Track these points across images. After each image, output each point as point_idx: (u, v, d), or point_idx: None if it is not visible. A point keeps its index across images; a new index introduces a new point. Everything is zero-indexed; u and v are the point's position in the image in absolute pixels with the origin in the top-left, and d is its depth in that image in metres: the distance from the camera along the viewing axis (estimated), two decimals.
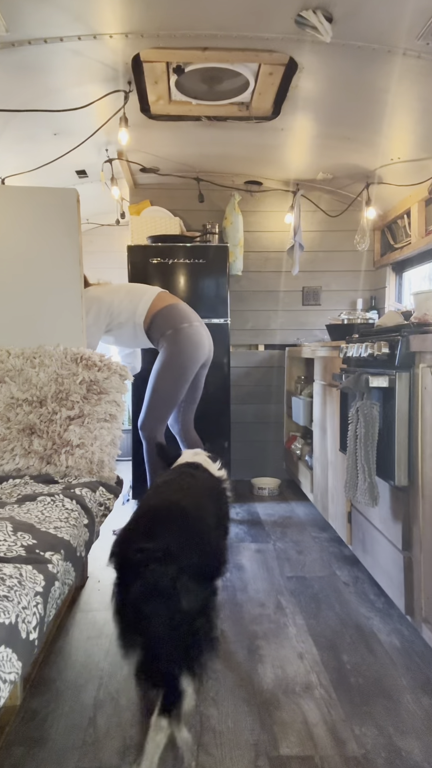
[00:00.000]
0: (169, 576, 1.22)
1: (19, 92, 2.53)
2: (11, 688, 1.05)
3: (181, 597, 1.22)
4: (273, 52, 2.27)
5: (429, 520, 1.71)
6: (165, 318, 2.74)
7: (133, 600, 1.23)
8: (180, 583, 1.22)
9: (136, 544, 1.27)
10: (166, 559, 1.23)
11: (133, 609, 1.24)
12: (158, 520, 1.38)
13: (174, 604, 1.22)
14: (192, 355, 2.74)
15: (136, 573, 1.23)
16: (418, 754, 1.38)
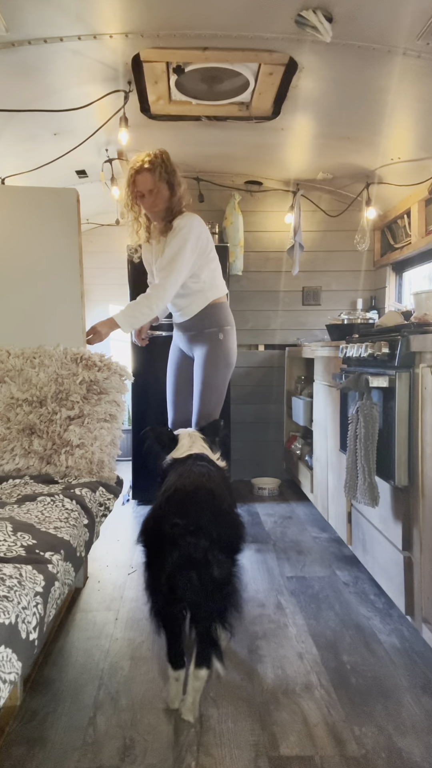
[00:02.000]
0: (202, 548, 1.39)
1: (19, 92, 2.52)
2: (11, 688, 1.05)
3: (212, 566, 1.40)
4: (273, 52, 2.27)
5: (429, 520, 1.71)
6: (227, 311, 2.55)
7: (170, 569, 1.40)
8: (211, 554, 1.40)
9: (170, 520, 1.42)
10: (199, 533, 1.39)
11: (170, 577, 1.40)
12: (189, 500, 1.50)
13: (207, 573, 1.40)
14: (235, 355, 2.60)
15: (173, 545, 1.40)
16: (418, 754, 1.37)
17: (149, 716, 1.52)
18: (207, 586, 1.41)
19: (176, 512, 1.45)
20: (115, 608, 2.15)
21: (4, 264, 2.37)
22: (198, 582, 1.40)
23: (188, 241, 2.31)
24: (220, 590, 1.45)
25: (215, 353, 2.47)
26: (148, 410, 3.56)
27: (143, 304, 2.28)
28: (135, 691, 1.63)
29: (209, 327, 2.48)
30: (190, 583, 1.40)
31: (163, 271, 2.32)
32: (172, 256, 2.30)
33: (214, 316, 2.48)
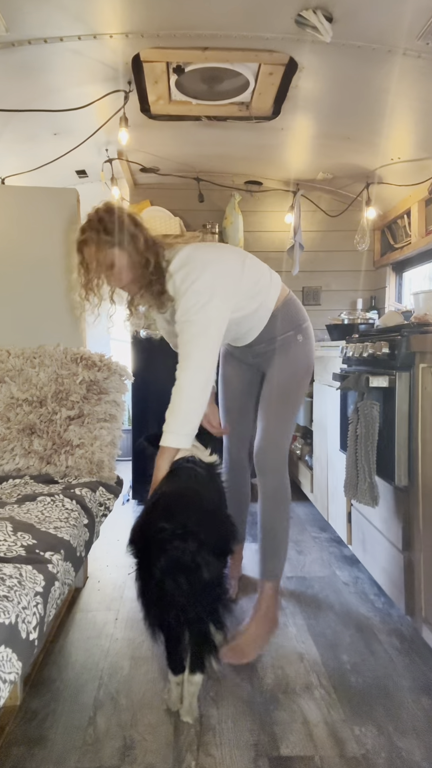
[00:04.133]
0: (190, 551, 1.36)
1: (19, 92, 2.52)
2: (11, 688, 1.05)
3: (202, 569, 1.37)
4: (273, 52, 2.27)
5: (429, 520, 1.71)
6: (297, 305, 2.01)
7: (160, 575, 1.37)
8: (200, 556, 1.37)
9: (156, 525, 1.40)
10: (186, 536, 1.37)
11: (160, 583, 1.38)
12: (175, 503, 1.49)
13: (196, 576, 1.37)
14: (313, 356, 2.07)
15: (160, 551, 1.37)
16: (418, 754, 1.37)
17: (149, 716, 1.52)
18: (197, 589, 1.38)
19: (162, 517, 1.42)
20: (115, 608, 2.15)
21: (4, 264, 2.37)
22: (188, 585, 1.37)
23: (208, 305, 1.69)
24: (211, 592, 1.42)
25: (295, 360, 1.94)
26: (148, 410, 3.56)
27: (184, 400, 1.68)
28: (135, 691, 1.63)
29: (283, 332, 1.94)
30: (180, 587, 1.37)
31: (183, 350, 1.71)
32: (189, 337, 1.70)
33: (284, 317, 1.94)
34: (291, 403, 1.96)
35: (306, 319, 2.02)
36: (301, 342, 1.97)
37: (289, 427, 1.96)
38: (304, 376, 2.00)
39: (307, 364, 2.01)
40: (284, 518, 1.93)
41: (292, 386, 1.96)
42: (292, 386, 1.96)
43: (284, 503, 1.94)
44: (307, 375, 2.01)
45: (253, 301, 1.87)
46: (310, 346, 2.01)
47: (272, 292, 1.93)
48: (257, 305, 1.88)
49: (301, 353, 1.97)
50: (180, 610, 1.40)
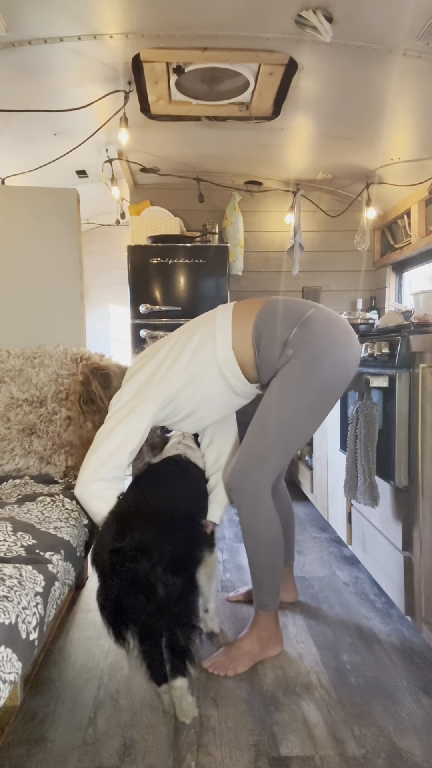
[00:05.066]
0: (143, 571, 1.34)
1: (19, 92, 2.53)
2: (11, 688, 1.05)
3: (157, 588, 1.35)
4: (273, 52, 2.27)
5: (429, 520, 1.71)
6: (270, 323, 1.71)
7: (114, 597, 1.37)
8: (153, 575, 1.34)
9: (108, 546, 1.38)
10: (138, 557, 1.34)
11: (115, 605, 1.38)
12: (127, 520, 1.45)
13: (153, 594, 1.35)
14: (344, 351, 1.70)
15: (113, 572, 1.36)
16: (418, 754, 1.37)
17: (149, 716, 1.52)
18: (157, 606, 1.37)
19: (114, 536, 1.39)
20: None
21: (4, 264, 2.37)
22: (146, 604, 1.36)
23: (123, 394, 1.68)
24: (174, 606, 1.39)
25: (285, 371, 1.69)
26: None
27: None
28: (135, 691, 1.63)
29: (275, 359, 1.71)
30: (137, 606, 1.36)
31: None
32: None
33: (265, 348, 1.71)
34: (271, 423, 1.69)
35: (292, 325, 1.69)
36: (294, 354, 1.67)
37: (261, 454, 1.70)
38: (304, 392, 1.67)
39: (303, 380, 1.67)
40: (258, 550, 1.75)
41: (275, 404, 1.69)
42: (274, 403, 1.69)
43: (254, 540, 1.74)
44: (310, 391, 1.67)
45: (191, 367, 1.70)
46: (313, 351, 1.67)
47: (219, 343, 1.71)
48: (203, 367, 1.70)
49: (293, 366, 1.67)
50: (143, 626, 1.40)
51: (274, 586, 1.79)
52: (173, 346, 1.73)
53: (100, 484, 1.60)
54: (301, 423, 1.73)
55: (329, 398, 1.72)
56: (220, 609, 2.13)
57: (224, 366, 1.71)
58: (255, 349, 1.71)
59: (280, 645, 1.83)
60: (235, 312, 1.76)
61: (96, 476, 1.60)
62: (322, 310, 1.74)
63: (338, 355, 1.69)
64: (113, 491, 1.61)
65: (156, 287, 3.59)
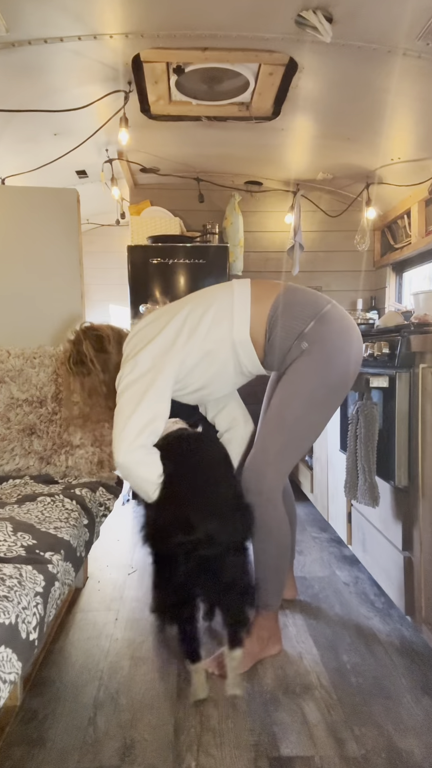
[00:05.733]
0: (213, 556, 1.44)
1: (19, 92, 2.53)
2: (11, 688, 1.05)
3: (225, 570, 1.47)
4: (273, 52, 2.27)
5: (429, 521, 1.71)
6: (287, 316, 1.69)
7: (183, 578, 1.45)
8: (222, 560, 1.46)
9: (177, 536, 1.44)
10: (209, 544, 1.43)
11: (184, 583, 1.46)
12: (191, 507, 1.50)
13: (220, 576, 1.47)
14: (357, 349, 1.75)
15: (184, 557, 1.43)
16: (418, 754, 1.37)
17: (149, 716, 1.52)
18: (221, 587, 1.49)
19: (181, 524, 1.44)
20: (115, 608, 2.15)
21: (4, 264, 2.37)
22: (213, 584, 1.47)
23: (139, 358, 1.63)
24: (235, 586, 1.52)
25: (298, 367, 1.69)
26: None
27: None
28: (135, 691, 1.63)
29: (286, 349, 1.71)
30: (206, 586, 1.47)
31: None
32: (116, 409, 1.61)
33: (278, 335, 1.69)
34: (285, 421, 1.69)
35: (308, 320, 1.68)
36: (308, 348, 1.67)
37: (276, 453, 1.69)
38: (317, 389, 1.68)
39: (317, 376, 1.67)
40: (267, 551, 1.74)
41: (289, 401, 1.69)
42: (288, 401, 1.69)
43: (265, 539, 1.73)
44: (323, 388, 1.69)
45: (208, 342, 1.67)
46: (328, 349, 1.67)
47: (237, 321, 1.68)
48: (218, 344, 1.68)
49: (308, 362, 1.67)
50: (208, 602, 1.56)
51: (279, 587, 1.79)
52: (187, 318, 1.68)
53: (141, 451, 1.56)
54: (314, 421, 1.74)
55: (339, 396, 1.75)
56: None
57: (239, 345, 1.70)
58: (267, 333, 1.70)
59: (279, 644, 1.84)
60: (253, 292, 1.73)
61: (137, 443, 1.55)
62: (337, 307, 1.75)
63: (351, 354, 1.72)
64: (155, 457, 1.59)
65: (156, 287, 3.59)
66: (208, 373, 1.72)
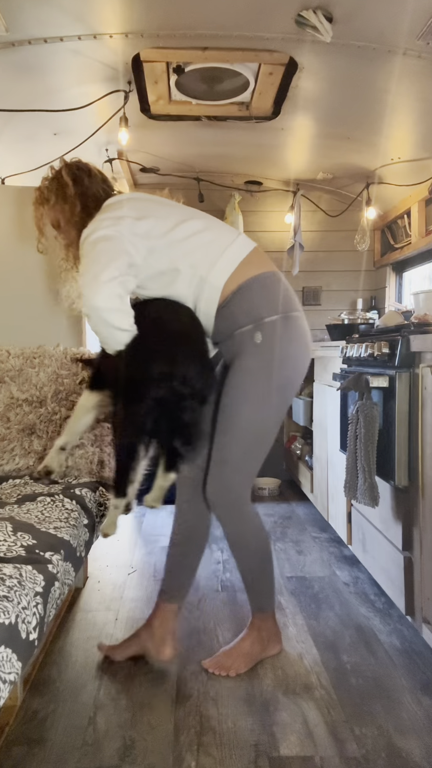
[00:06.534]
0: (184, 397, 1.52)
1: (19, 92, 2.52)
2: (11, 688, 1.05)
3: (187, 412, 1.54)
4: (273, 52, 2.27)
5: (429, 520, 1.71)
6: (261, 292, 1.59)
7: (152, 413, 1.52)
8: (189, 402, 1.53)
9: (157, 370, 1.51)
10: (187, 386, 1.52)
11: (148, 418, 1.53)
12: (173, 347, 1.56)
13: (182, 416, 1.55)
14: (304, 364, 1.68)
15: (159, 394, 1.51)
16: (418, 754, 1.37)
17: (149, 716, 1.52)
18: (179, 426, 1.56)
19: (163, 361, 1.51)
20: (115, 608, 2.15)
21: (4, 264, 2.37)
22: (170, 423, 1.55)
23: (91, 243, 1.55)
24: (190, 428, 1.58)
25: (252, 364, 1.58)
26: None
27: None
28: (135, 691, 1.63)
29: (238, 325, 1.59)
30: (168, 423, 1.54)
31: None
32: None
33: (240, 303, 1.57)
34: (240, 427, 1.59)
35: (274, 312, 1.57)
36: (261, 345, 1.56)
37: (237, 461, 1.61)
38: (262, 388, 1.57)
39: (271, 374, 1.57)
40: (248, 560, 1.73)
41: (242, 405, 1.58)
42: (241, 405, 1.58)
43: (244, 549, 1.70)
44: (269, 390, 1.58)
45: (184, 260, 1.56)
46: (300, 340, 1.61)
47: (222, 263, 1.56)
48: (190, 276, 1.57)
49: (258, 361, 1.57)
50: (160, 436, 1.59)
51: (269, 589, 1.78)
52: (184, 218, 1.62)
53: (117, 300, 1.49)
54: (267, 423, 1.65)
55: (288, 397, 1.68)
56: (219, 609, 2.13)
57: (208, 287, 1.58)
58: (231, 297, 1.58)
59: (279, 644, 1.83)
60: (252, 252, 1.64)
61: (114, 291, 1.47)
62: (305, 322, 1.70)
63: (298, 367, 1.67)
64: (128, 306, 1.53)
65: None
66: (163, 293, 1.65)
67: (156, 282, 1.61)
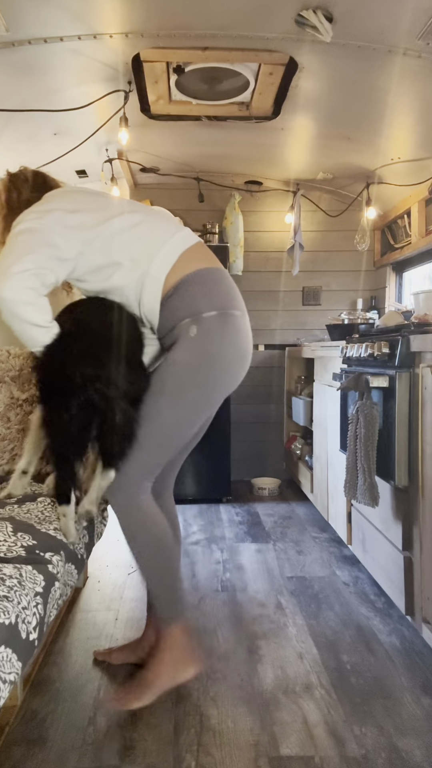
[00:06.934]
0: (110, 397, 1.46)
1: (19, 92, 2.52)
2: (11, 688, 1.05)
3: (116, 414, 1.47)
4: (273, 52, 2.27)
5: (429, 520, 1.71)
6: (203, 285, 1.54)
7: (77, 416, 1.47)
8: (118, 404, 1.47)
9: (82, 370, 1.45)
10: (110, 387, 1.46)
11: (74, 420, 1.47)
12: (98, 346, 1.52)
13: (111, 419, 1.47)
14: (236, 366, 1.57)
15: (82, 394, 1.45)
16: (418, 754, 1.37)
17: (149, 716, 1.52)
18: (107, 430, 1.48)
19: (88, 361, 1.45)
20: (115, 608, 2.15)
21: None
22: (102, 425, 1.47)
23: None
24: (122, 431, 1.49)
25: (180, 357, 1.51)
26: None
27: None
28: None
29: (178, 319, 1.53)
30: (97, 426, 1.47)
31: None
32: None
33: (181, 296, 1.52)
34: (149, 417, 1.52)
35: (212, 308, 1.51)
36: (194, 339, 1.49)
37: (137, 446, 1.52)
38: (189, 382, 1.51)
39: (198, 370, 1.50)
40: (142, 555, 1.57)
41: (158, 396, 1.52)
42: (158, 396, 1.52)
43: (132, 541, 1.56)
44: (196, 385, 1.51)
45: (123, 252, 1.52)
46: (211, 347, 1.50)
47: (163, 255, 1.52)
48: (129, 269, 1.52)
49: (186, 355, 1.50)
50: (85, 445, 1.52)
51: (172, 593, 1.58)
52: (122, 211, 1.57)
53: (30, 293, 1.42)
54: (181, 420, 1.56)
55: (210, 398, 1.56)
56: (219, 609, 2.13)
57: (150, 279, 1.53)
58: (172, 291, 1.52)
59: (196, 664, 1.59)
60: (194, 247, 1.59)
61: (26, 283, 1.41)
62: (247, 325, 1.60)
63: (231, 370, 1.56)
64: (45, 303, 1.47)
65: None
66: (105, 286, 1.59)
67: (96, 275, 1.56)
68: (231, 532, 3.04)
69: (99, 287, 1.58)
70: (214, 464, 3.59)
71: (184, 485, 3.57)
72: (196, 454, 3.56)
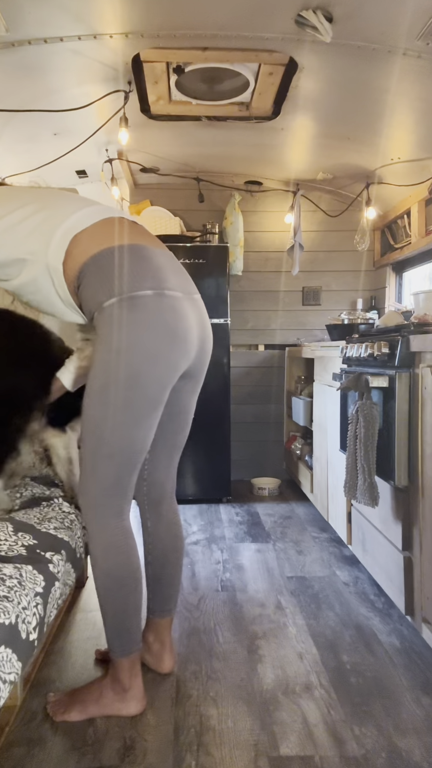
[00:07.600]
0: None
1: (19, 92, 2.52)
2: (11, 688, 1.05)
3: None
4: (273, 52, 2.27)
5: (429, 520, 1.71)
6: (102, 273, 1.35)
7: None
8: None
9: None
10: None
11: None
12: None
13: None
14: (164, 350, 1.35)
15: None
16: (418, 754, 1.38)
17: (149, 716, 1.52)
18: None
19: None
20: None
21: None
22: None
23: None
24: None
25: (95, 356, 1.36)
26: None
27: None
28: None
29: (91, 314, 1.40)
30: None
31: None
32: None
33: (86, 290, 1.37)
34: (84, 427, 1.38)
35: (111, 294, 1.32)
36: (101, 332, 1.34)
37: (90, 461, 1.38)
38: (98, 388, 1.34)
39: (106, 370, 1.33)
40: (97, 583, 1.43)
41: (85, 402, 1.37)
42: (85, 402, 1.37)
43: (94, 567, 1.43)
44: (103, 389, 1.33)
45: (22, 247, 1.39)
46: (118, 341, 1.31)
47: (55, 242, 1.37)
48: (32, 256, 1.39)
49: (98, 352, 1.35)
50: None
51: (119, 631, 1.44)
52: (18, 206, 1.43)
53: None
54: (110, 423, 1.35)
55: (145, 395, 1.35)
56: (219, 609, 2.13)
57: (53, 272, 1.39)
58: (78, 281, 1.38)
59: (138, 703, 1.49)
60: (95, 226, 1.40)
61: None
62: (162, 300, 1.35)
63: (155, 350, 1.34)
64: None
65: None
66: (38, 297, 1.47)
67: (8, 272, 1.44)
68: (231, 532, 3.04)
69: (17, 283, 1.46)
70: (214, 464, 3.60)
71: (184, 485, 3.58)
72: (195, 454, 3.57)
